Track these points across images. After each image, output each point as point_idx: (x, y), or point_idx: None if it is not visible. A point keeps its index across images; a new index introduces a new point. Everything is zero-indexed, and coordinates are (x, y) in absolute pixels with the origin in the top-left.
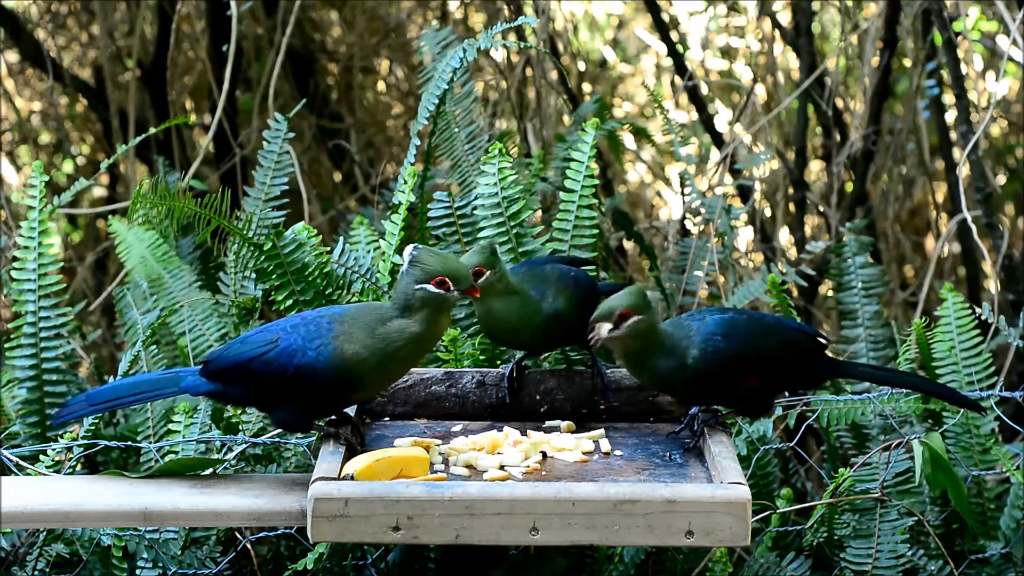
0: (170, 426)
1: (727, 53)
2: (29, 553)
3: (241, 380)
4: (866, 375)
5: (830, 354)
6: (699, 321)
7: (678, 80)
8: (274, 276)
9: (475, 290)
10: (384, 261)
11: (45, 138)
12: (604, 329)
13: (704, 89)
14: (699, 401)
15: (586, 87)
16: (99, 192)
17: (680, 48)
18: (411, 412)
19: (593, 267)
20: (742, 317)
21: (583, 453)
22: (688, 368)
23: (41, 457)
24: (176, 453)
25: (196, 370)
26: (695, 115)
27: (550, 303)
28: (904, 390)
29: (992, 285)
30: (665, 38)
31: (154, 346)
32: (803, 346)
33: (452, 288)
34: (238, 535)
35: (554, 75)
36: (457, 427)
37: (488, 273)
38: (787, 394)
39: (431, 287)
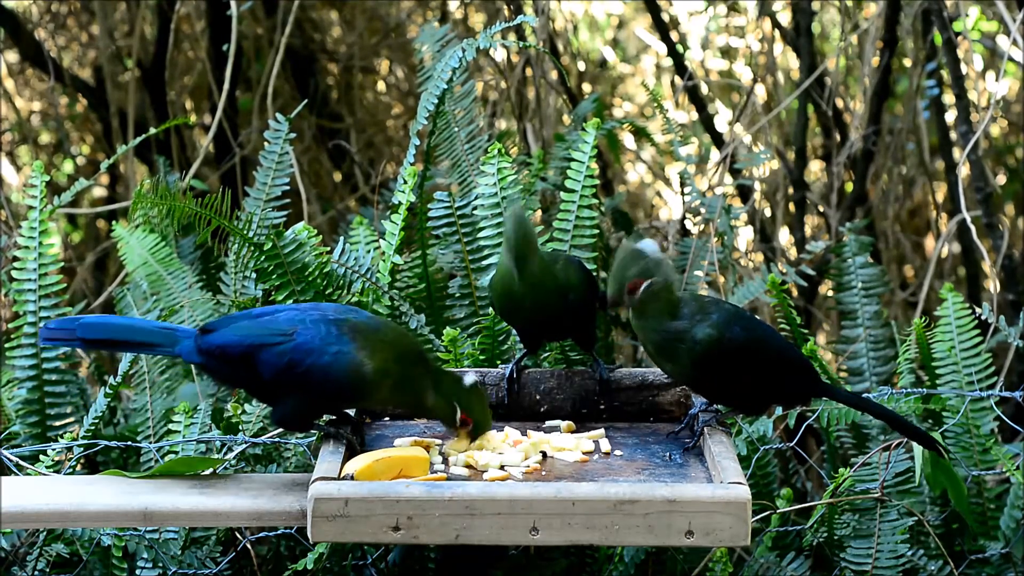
0: (170, 426)
1: (727, 53)
2: (29, 553)
3: (243, 364)
4: (848, 400)
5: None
6: (719, 305)
7: (678, 80)
8: (274, 276)
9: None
10: (384, 261)
11: (45, 138)
12: (618, 302)
13: (704, 89)
14: (697, 386)
15: (586, 87)
16: (99, 192)
17: (680, 48)
18: None
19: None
20: (759, 321)
21: (583, 453)
22: (697, 344)
23: (41, 457)
24: (176, 453)
25: (193, 333)
26: (695, 115)
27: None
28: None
29: (992, 285)
30: (665, 38)
31: None
32: (803, 365)
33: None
34: (238, 535)
35: (554, 75)
36: None
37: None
38: (785, 406)
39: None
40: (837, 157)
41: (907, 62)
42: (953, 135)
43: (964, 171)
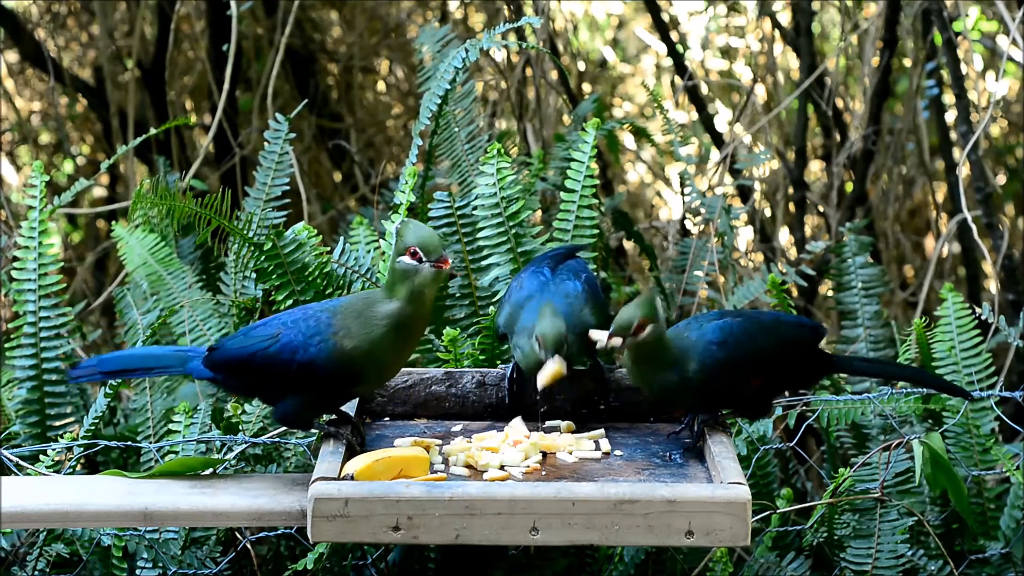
0: (170, 426)
1: (727, 53)
2: (29, 553)
3: (243, 373)
4: (863, 370)
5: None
6: (696, 331)
7: (678, 80)
8: (274, 276)
9: (445, 261)
10: (384, 261)
11: (45, 138)
12: (620, 341)
13: (704, 89)
14: (703, 409)
15: (586, 87)
16: (99, 192)
17: (680, 48)
18: (411, 412)
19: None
20: (737, 320)
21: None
22: (689, 380)
23: (41, 457)
24: (176, 453)
25: (202, 352)
26: (695, 115)
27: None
28: (901, 385)
29: (992, 285)
30: (665, 38)
31: None
32: (802, 341)
33: (424, 260)
34: (238, 535)
35: (554, 75)
36: (457, 427)
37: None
38: (787, 393)
39: (406, 259)
40: (837, 157)
41: (907, 62)
42: (953, 135)
43: (964, 171)
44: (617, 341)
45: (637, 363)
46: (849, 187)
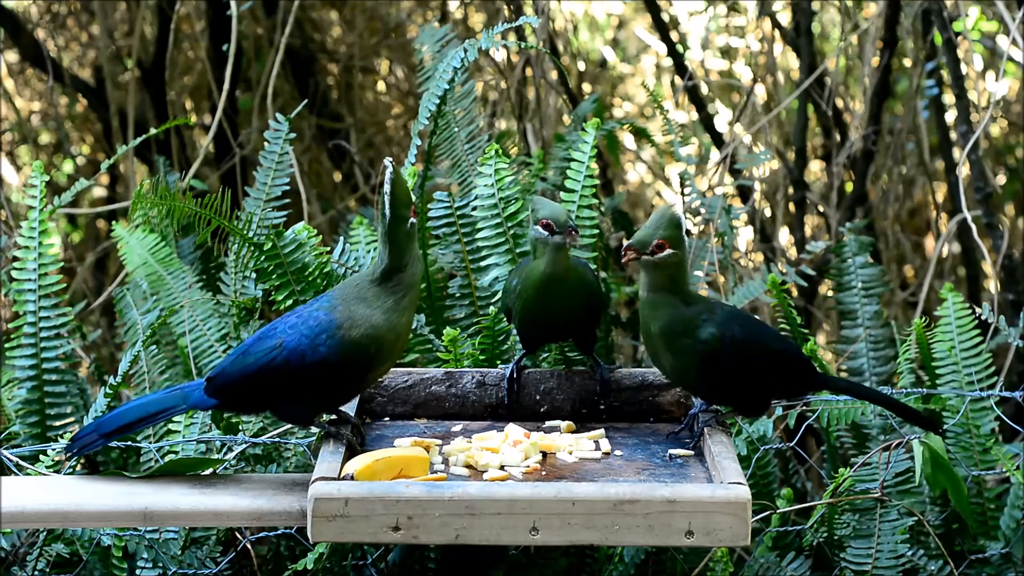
0: (170, 426)
1: (727, 53)
2: (29, 553)
3: (251, 391)
4: (845, 389)
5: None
6: (720, 306)
7: (678, 80)
8: (274, 276)
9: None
10: None
11: (45, 138)
12: (635, 256)
13: (704, 89)
14: (695, 390)
15: (586, 87)
16: (99, 192)
17: (680, 48)
18: (411, 412)
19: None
20: (755, 318)
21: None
22: (701, 343)
23: (41, 457)
24: (176, 453)
25: (200, 384)
26: (695, 115)
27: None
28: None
29: (992, 285)
30: (665, 38)
31: (154, 346)
32: (800, 360)
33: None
34: (238, 535)
35: (554, 75)
36: (457, 427)
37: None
38: (784, 399)
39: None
40: (837, 157)
41: (907, 62)
42: (953, 135)
43: (964, 171)
44: (633, 256)
45: (652, 289)
46: (849, 187)
